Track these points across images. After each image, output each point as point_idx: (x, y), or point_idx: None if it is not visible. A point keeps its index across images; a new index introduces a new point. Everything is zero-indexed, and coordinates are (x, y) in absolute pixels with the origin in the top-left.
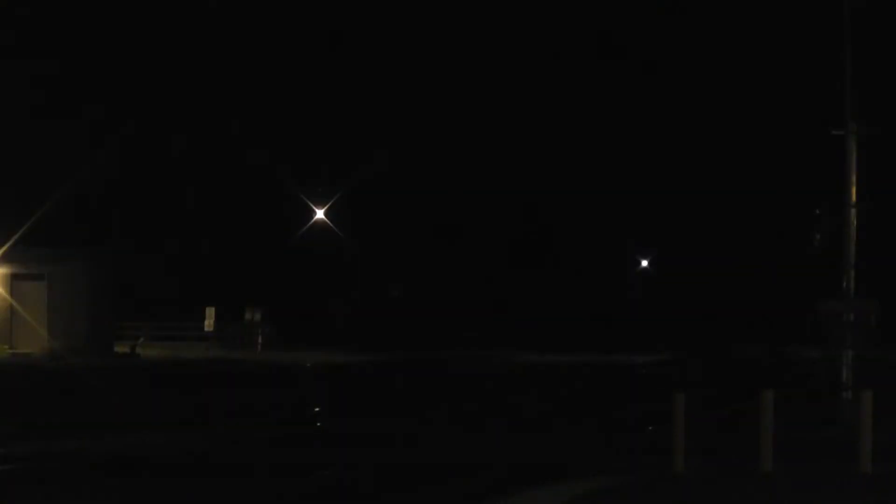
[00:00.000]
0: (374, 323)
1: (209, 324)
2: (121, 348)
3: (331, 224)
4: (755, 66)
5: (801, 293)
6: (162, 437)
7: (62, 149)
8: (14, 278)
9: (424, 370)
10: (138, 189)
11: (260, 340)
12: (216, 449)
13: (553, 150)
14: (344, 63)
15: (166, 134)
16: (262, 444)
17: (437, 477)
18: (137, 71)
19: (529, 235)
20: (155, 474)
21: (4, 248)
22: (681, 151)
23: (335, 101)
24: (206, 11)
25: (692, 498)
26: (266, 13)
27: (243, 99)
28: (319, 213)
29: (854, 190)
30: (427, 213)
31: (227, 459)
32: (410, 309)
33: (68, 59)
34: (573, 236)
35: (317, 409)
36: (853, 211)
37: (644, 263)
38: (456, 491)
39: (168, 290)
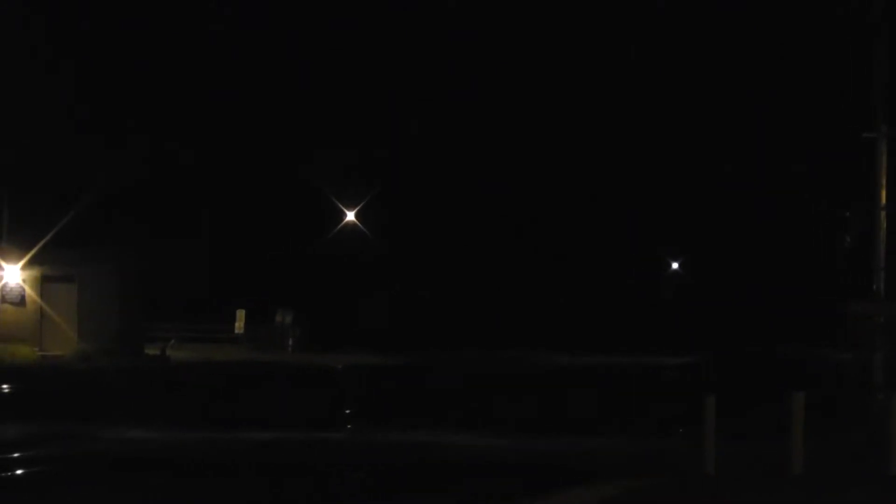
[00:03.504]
0: (406, 324)
1: (239, 326)
2: (151, 350)
3: (361, 226)
4: (786, 69)
5: (832, 295)
6: (191, 438)
7: (92, 150)
8: (44, 280)
9: (455, 371)
10: (168, 191)
11: (291, 343)
12: (246, 451)
13: (587, 152)
14: (370, 66)
15: (196, 136)
16: (293, 445)
17: (468, 477)
18: (167, 71)
19: (561, 237)
20: (183, 475)
21: (34, 250)
22: (711, 153)
23: (365, 102)
24: (241, 12)
25: (723, 499)
26: (298, 11)
27: (273, 100)
28: (350, 216)
29: (884, 193)
30: (459, 215)
31: (258, 460)
32: (442, 310)
33: (94, 62)
34: (605, 239)
35: (347, 412)
36: (883, 214)
37: (675, 266)
38: (487, 491)
39: (198, 292)
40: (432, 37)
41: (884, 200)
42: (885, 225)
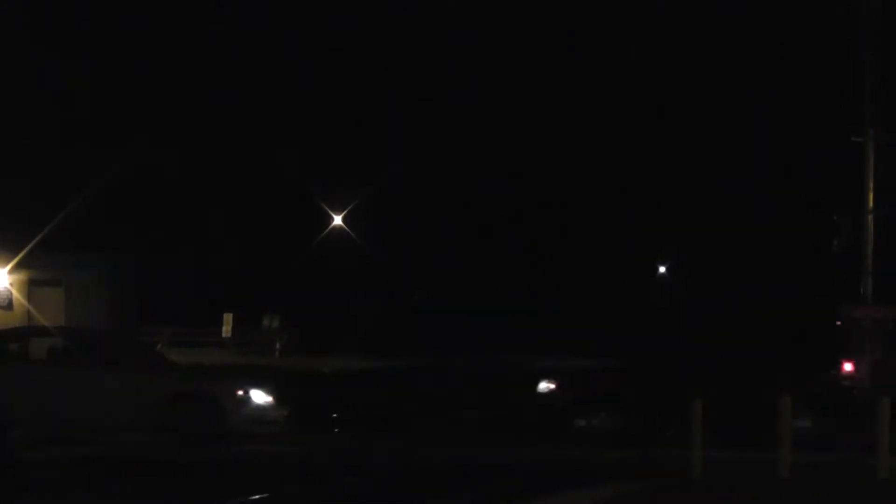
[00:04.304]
0: (396, 328)
1: (227, 329)
2: None
3: (348, 230)
4: (775, 71)
5: (820, 298)
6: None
7: (83, 152)
8: (31, 284)
9: (445, 375)
10: (160, 194)
11: (278, 346)
12: (229, 453)
13: (574, 155)
14: (361, 66)
15: (192, 137)
16: (281, 448)
17: (466, 479)
18: (156, 77)
19: (552, 242)
20: (173, 476)
21: (22, 253)
22: (698, 157)
23: (353, 104)
24: (225, 16)
25: (717, 500)
26: (284, 15)
27: (262, 103)
28: (337, 220)
29: (872, 196)
30: (449, 218)
31: (252, 462)
32: (433, 313)
33: (90, 61)
34: (594, 243)
35: (335, 415)
36: (870, 217)
37: (662, 270)
38: (487, 493)
39: (186, 296)
40: (432, 37)
41: (871, 204)
42: (872, 228)
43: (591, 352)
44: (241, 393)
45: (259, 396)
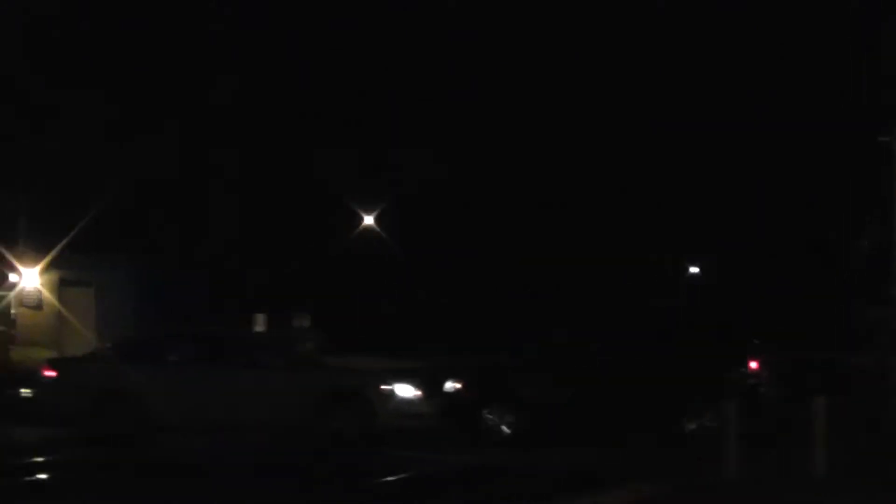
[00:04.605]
0: (423, 329)
1: (259, 329)
2: None
3: (379, 231)
4: (803, 71)
5: (850, 299)
6: (206, 441)
7: (112, 153)
8: (62, 284)
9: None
10: (186, 196)
11: (309, 346)
12: (256, 452)
13: (579, 155)
14: (361, 66)
15: (214, 139)
16: (309, 448)
17: (479, 482)
18: (182, 75)
19: (567, 242)
20: (200, 477)
21: (52, 254)
22: (726, 157)
23: (353, 104)
24: (225, 16)
25: (745, 501)
26: (284, 15)
27: (292, 104)
28: (368, 220)
29: None
30: (475, 219)
31: (269, 461)
32: (460, 314)
33: (94, 61)
34: (620, 243)
35: None
36: None
37: (694, 270)
38: (476, 496)
39: (214, 296)
40: (432, 37)
41: None
42: None
43: (592, 351)
44: (387, 388)
45: (406, 391)
